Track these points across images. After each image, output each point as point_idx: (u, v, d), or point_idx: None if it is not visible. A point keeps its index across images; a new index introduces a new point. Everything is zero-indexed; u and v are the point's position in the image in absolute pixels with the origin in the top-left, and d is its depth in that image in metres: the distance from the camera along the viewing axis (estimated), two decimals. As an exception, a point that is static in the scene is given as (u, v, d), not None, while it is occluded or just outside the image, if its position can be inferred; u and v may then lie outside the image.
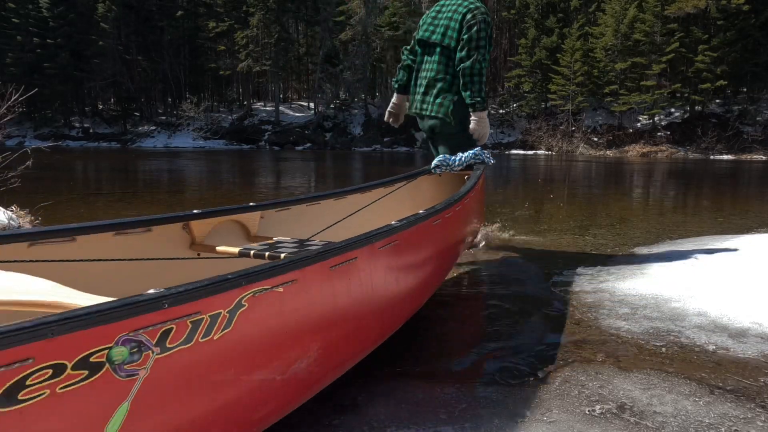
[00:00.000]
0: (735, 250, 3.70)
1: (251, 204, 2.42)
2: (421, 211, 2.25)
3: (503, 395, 1.80)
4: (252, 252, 2.01)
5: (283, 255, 1.92)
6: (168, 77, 39.08)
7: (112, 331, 1.00)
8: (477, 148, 3.28)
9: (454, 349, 2.21)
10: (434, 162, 3.24)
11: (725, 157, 24.30)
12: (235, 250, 2.05)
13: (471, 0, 3.27)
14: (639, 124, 31.05)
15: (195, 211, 2.17)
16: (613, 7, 30.03)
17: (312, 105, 39.12)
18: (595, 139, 30.95)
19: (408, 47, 3.62)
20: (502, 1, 37.34)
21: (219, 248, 2.12)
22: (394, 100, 3.71)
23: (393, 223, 1.98)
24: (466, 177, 3.45)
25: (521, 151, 30.75)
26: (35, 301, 1.24)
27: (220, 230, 2.32)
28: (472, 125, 3.32)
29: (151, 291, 1.08)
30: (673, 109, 30.57)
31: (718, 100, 30.65)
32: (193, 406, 1.19)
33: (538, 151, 30.63)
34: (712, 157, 24.57)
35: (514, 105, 34.91)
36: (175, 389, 1.14)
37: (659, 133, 29.48)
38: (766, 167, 16.73)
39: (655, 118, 30.08)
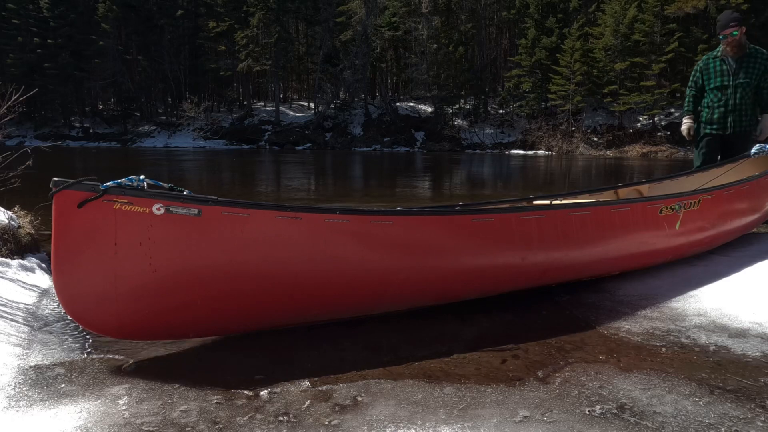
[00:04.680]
0: (735, 250, 3.71)
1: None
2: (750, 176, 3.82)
3: (503, 395, 1.80)
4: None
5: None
6: (168, 77, 39.06)
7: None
8: None
9: (454, 349, 2.21)
10: (753, 149, 4.35)
11: (725, 157, 24.28)
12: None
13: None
14: (639, 124, 31.05)
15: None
16: (613, 7, 30.01)
17: (312, 105, 39.11)
18: (595, 139, 30.95)
19: None
20: (502, 1, 37.33)
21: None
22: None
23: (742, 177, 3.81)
24: None
25: (521, 151, 30.75)
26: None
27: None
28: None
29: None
30: (672, 109, 30.54)
31: (718, 100, 30.59)
32: None
33: (538, 151, 30.65)
34: (712, 157, 24.55)
35: (514, 105, 34.89)
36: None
37: (659, 133, 29.49)
38: (766, 167, 16.70)
39: (655, 118, 30.09)
